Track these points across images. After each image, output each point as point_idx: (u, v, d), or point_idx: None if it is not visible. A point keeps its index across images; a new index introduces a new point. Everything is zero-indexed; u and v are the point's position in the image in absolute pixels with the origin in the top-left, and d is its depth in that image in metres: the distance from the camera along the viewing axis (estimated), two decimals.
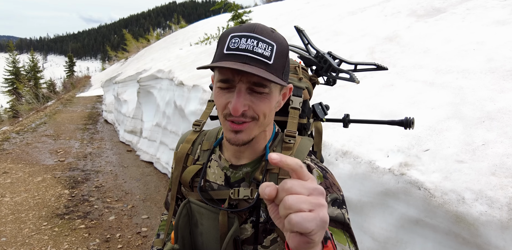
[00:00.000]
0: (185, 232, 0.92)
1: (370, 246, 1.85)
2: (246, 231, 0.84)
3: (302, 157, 0.83)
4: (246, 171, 0.86)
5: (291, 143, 0.84)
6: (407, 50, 3.20)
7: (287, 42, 0.76)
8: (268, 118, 0.78)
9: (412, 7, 4.35)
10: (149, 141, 6.40)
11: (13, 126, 10.01)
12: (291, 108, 0.93)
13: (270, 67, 0.70)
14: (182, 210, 0.91)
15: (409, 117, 1.09)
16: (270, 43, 0.70)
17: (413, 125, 1.09)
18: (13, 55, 32.61)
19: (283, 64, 0.73)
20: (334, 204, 0.79)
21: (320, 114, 1.09)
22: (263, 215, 0.83)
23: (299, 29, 1.23)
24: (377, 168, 1.89)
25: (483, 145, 1.76)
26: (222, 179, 0.89)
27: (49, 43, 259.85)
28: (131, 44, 23.46)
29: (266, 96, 0.73)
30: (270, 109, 0.76)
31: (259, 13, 9.42)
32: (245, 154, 0.86)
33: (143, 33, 67.33)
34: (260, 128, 0.78)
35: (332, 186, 0.81)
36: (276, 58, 0.71)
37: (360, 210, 1.93)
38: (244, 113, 0.74)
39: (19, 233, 3.57)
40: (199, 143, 0.98)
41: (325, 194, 0.78)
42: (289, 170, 0.46)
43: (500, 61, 2.43)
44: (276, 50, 0.71)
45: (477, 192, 1.51)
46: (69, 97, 17.65)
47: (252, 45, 0.69)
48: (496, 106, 2.00)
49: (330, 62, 1.12)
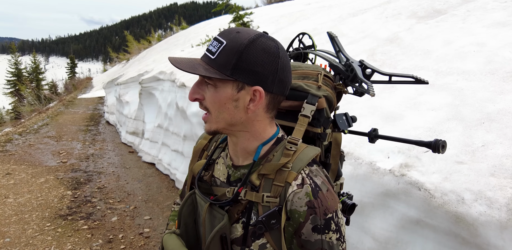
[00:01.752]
0: (189, 220, 0.96)
1: (371, 246, 1.87)
2: (236, 231, 0.85)
3: (301, 166, 0.82)
4: (243, 172, 0.88)
5: (292, 150, 0.84)
6: (408, 52, 3.22)
7: (252, 42, 0.76)
8: (222, 114, 0.80)
9: (413, 9, 4.37)
10: (151, 142, 6.42)
11: (16, 127, 10.06)
12: (301, 116, 0.92)
13: (212, 62, 0.77)
14: (188, 199, 0.96)
15: (440, 140, 0.97)
16: (221, 41, 0.77)
17: (443, 149, 0.97)
18: (15, 57, 32.71)
19: (230, 61, 0.75)
20: (314, 230, 0.79)
21: (342, 125, 1.03)
22: (253, 217, 0.83)
23: (332, 36, 1.17)
24: (378, 169, 1.91)
25: (482, 146, 1.77)
26: (225, 176, 0.92)
27: (51, 44, 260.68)
28: (133, 46, 23.52)
29: (213, 88, 0.79)
30: (218, 104, 0.79)
31: (260, 14, 9.45)
32: (239, 153, 0.89)
33: (145, 34, 67.51)
34: (218, 123, 0.82)
35: (319, 207, 0.78)
36: (222, 54, 0.76)
37: (361, 210, 1.94)
38: (201, 102, 0.82)
39: (23, 234, 3.60)
40: (215, 140, 1.04)
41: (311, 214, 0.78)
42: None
43: (500, 62, 2.45)
44: (225, 47, 0.76)
45: (476, 193, 1.53)
46: (71, 99, 17.72)
47: (210, 44, 0.79)
48: (496, 108, 2.01)
49: (355, 72, 1.05)
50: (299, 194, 0.79)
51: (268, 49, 0.78)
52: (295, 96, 0.95)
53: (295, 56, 1.24)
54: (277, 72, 0.80)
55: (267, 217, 0.80)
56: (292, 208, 0.79)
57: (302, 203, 0.78)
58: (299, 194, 0.79)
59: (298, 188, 0.80)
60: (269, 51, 0.78)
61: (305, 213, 0.78)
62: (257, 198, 0.82)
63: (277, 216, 0.80)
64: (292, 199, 0.79)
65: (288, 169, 0.82)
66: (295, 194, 0.79)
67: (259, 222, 0.80)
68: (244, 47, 0.75)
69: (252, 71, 0.77)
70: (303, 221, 0.78)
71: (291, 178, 0.81)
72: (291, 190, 0.80)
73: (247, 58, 0.75)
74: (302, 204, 0.78)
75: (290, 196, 0.79)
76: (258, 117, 0.84)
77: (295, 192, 0.79)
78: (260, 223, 0.80)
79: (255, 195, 0.82)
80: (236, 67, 0.75)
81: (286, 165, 0.82)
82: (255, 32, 0.79)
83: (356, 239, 1.96)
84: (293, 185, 0.80)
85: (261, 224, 0.80)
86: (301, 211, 0.78)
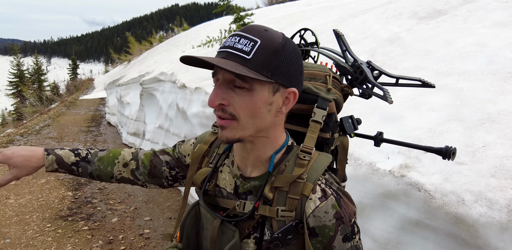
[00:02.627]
0: (191, 232, 0.91)
1: (370, 247, 1.86)
2: (247, 246, 0.81)
3: (316, 176, 0.78)
4: (254, 184, 0.82)
5: (306, 159, 0.79)
6: (408, 52, 3.21)
7: (285, 42, 0.73)
8: (253, 120, 0.73)
9: (414, 9, 4.36)
10: (151, 143, 6.42)
11: (17, 128, 10.08)
12: (312, 121, 0.87)
13: (247, 62, 0.69)
14: (191, 211, 0.90)
15: (450, 147, 0.96)
16: (253, 39, 0.70)
17: (453, 156, 0.96)
18: (18, 58, 32.84)
19: (270, 61, 0.70)
20: (344, 240, 0.76)
21: (348, 129, 0.99)
22: (267, 233, 0.79)
23: (338, 34, 1.11)
24: (378, 170, 1.90)
25: (483, 146, 1.76)
26: (232, 187, 0.86)
27: (53, 46, 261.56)
28: (134, 47, 23.57)
29: (247, 92, 0.71)
30: (252, 109, 0.72)
31: (261, 15, 9.46)
32: (250, 161, 0.82)
33: (146, 35, 67.67)
34: (246, 130, 0.74)
35: (345, 215, 0.76)
36: (258, 53, 0.69)
37: (361, 211, 1.93)
38: (224, 108, 0.72)
39: (23, 235, 3.60)
40: (216, 146, 0.97)
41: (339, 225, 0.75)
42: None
43: (501, 63, 2.44)
44: (259, 46, 0.69)
45: (476, 194, 1.51)
46: (72, 100, 17.75)
47: (234, 42, 0.71)
48: (496, 108, 2.00)
49: (365, 74, 1.01)
50: (324, 208, 0.75)
51: (295, 50, 0.76)
52: (303, 99, 0.89)
53: None
54: (302, 72, 0.78)
55: (283, 233, 0.76)
56: (320, 224, 0.75)
57: (330, 216, 0.75)
58: (324, 208, 0.75)
59: (322, 201, 0.76)
60: (297, 52, 0.76)
61: (334, 226, 0.75)
62: (271, 212, 0.78)
63: (293, 231, 0.76)
64: (318, 215, 0.75)
65: (303, 180, 0.77)
66: (319, 208, 0.75)
67: (275, 239, 0.77)
68: (282, 47, 0.72)
69: (288, 72, 0.73)
70: (334, 234, 0.75)
71: (308, 190, 0.77)
72: (313, 205, 0.76)
73: (284, 58, 0.72)
74: (330, 218, 0.75)
75: (314, 212, 0.75)
76: (280, 121, 0.80)
77: (320, 207, 0.75)
78: (276, 239, 0.76)
79: (268, 209, 0.78)
80: (276, 68, 0.71)
81: (301, 176, 0.78)
82: (279, 32, 0.76)
83: None
84: (314, 198, 0.76)
85: (277, 241, 0.76)
86: (330, 224, 0.75)
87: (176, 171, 1.07)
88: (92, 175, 1.08)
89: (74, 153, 1.07)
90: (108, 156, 1.10)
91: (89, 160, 1.08)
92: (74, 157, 1.06)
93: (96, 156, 1.09)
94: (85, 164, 1.07)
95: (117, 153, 1.11)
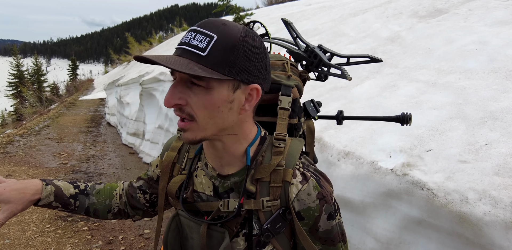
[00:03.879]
0: (175, 246, 0.88)
1: (373, 247, 1.84)
2: (238, 245, 0.80)
3: (293, 161, 0.78)
4: (234, 180, 0.80)
5: (281, 146, 0.79)
6: (409, 51, 3.20)
7: (245, 36, 0.69)
8: (213, 120, 0.70)
9: (414, 8, 4.34)
10: (151, 143, 6.41)
11: (17, 129, 10.06)
12: (280, 109, 0.86)
13: (202, 59, 0.65)
14: (171, 224, 0.86)
15: (406, 113, 1.05)
16: (209, 35, 0.66)
17: (410, 121, 1.05)
18: (17, 59, 32.86)
19: (228, 58, 0.66)
20: (329, 218, 0.77)
21: (312, 112, 1.02)
22: (255, 227, 0.79)
23: (287, 22, 1.14)
24: (380, 169, 1.89)
25: (486, 144, 1.75)
26: (211, 189, 0.83)
27: (53, 47, 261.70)
28: (134, 47, 23.55)
29: (204, 91, 0.67)
30: (211, 108, 0.68)
31: (260, 15, 9.44)
32: (224, 159, 0.80)
33: (146, 36, 67.68)
34: (206, 131, 0.71)
35: (327, 194, 0.77)
36: (214, 50, 0.65)
37: (363, 210, 1.92)
38: (181, 108, 0.69)
39: (23, 235, 3.58)
40: (185, 151, 0.93)
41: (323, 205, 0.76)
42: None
43: (503, 61, 2.42)
44: (216, 41, 0.65)
45: (480, 192, 1.50)
46: (72, 101, 17.74)
47: (189, 38, 0.67)
48: (499, 106, 1.99)
49: (320, 57, 1.04)
50: (307, 190, 0.76)
51: (258, 43, 0.71)
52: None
53: None
54: (267, 67, 0.75)
55: (272, 223, 0.76)
56: (304, 207, 0.76)
57: (313, 198, 0.76)
58: (307, 190, 0.76)
59: (303, 184, 0.76)
60: (260, 46, 0.72)
61: (318, 206, 0.76)
62: (256, 205, 0.77)
63: (281, 219, 0.76)
64: (301, 198, 0.76)
65: (282, 167, 0.77)
66: (302, 192, 0.76)
67: (265, 231, 0.76)
68: (241, 42, 0.67)
69: (249, 68, 0.69)
70: (318, 214, 0.76)
71: (289, 176, 0.77)
72: (296, 189, 0.76)
73: (243, 53, 0.68)
74: (314, 199, 0.76)
75: (297, 196, 0.76)
76: (247, 118, 0.77)
77: (302, 190, 0.76)
78: (266, 231, 0.76)
79: (253, 203, 0.77)
80: (234, 64, 0.67)
81: (280, 163, 0.78)
82: (240, 25, 0.71)
83: (358, 240, 1.93)
84: (296, 183, 0.76)
85: (267, 232, 0.76)
86: (314, 205, 0.76)
87: (149, 193, 1.01)
88: (89, 209, 1.02)
89: (73, 185, 1.01)
90: (106, 189, 1.06)
91: (88, 193, 1.02)
92: (73, 189, 1.00)
93: (94, 189, 1.04)
94: (84, 197, 1.01)
95: (114, 185, 1.08)
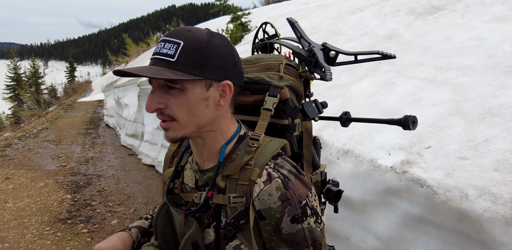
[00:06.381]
0: (166, 230, 0.94)
1: (373, 245, 1.83)
2: (209, 235, 0.84)
3: (263, 161, 0.80)
4: (209, 175, 0.86)
5: (254, 146, 0.82)
6: (407, 48, 3.20)
7: (210, 38, 0.76)
8: (192, 118, 0.77)
9: (411, 6, 4.34)
10: (150, 144, 6.40)
11: (15, 132, 10.04)
12: (263, 110, 0.89)
13: (173, 65, 0.72)
14: (161, 210, 0.94)
15: (409, 116, 0.93)
16: (176, 42, 0.73)
17: (413, 125, 0.93)
18: (14, 62, 32.79)
19: (196, 60, 0.73)
20: (293, 221, 0.77)
21: (311, 113, 0.99)
22: (223, 220, 0.82)
23: (292, 22, 1.14)
24: (379, 166, 1.88)
25: (485, 141, 1.74)
26: (193, 182, 0.90)
27: (50, 49, 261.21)
28: (131, 49, 23.51)
29: (180, 93, 0.74)
30: (188, 107, 0.75)
31: (257, 14, 9.43)
32: (204, 156, 0.86)
33: (143, 37, 67.57)
34: (187, 128, 0.78)
35: (293, 197, 0.77)
36: (182, 54, 0.72)
37: (363, 208, 1.91)
38: (162, 111, 0.76)
39: (22, 239, 3.57)
40: (183, 146, 1.01)
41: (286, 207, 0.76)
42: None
43: (501, 57, 2.42)
44: (183, 47, 0.73)
45: (480, 189, 1.49)
46: (70, 103, 17.70)
47: (160, 48, 0.75)
48: (497, 102, 1.98)
49: (316, 56, 1.01)
50: (268, 191, 0.77)
51: (224, 43, 0.78)
52: (259, 90, 0.93)
53: (261, 47, 1.21)
54: (236, 63, 0.81)
55: (235, 218, 0.79)
56: (265, 206, 0.77)
57: (274, 199, 0.76)
58: (268, 191, 0.77)
59: (266, 185, 0.77)
60: (226, 45, 0.78)
61: (280, 208, 0.76)
62: (223, 200, 0.81)
63: (245, 216, 0.78)
64: (262, 198, 0.77)
65: (250, 166, 0.80)
66: (263, 191, 0.77)
67: (228, 225, 0.79)
68: (206, 44, 0.74)
69: (218, 67, 0.76)
70: (280, 215, 0.77)
71: (254, 175, 0.78)
72: (258, 189, 0.77)
73: (210, 54, 0.75)
74: (275, 200, 0.76)
75: (258, 195, 0.77)
76: (224, 114, 0.83)
77: (263, 190, 0.77)
78: (229, 225, 0.79)
79: (221, 198, 0.81)
80: (203, 65, 0.74)
81: (249, 162, 0.80)
82: (204, 29, 0.78)
83: (359, 238, 1.92)
84: (259, 182, 0.78)
85: (230, 227, 0.79)
86: (275, 206, 0.76)
87: None
88: None
89: (143, 219, 1.12)
90: None
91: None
92: (146, 221, 1.11)
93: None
94: None
95: None
